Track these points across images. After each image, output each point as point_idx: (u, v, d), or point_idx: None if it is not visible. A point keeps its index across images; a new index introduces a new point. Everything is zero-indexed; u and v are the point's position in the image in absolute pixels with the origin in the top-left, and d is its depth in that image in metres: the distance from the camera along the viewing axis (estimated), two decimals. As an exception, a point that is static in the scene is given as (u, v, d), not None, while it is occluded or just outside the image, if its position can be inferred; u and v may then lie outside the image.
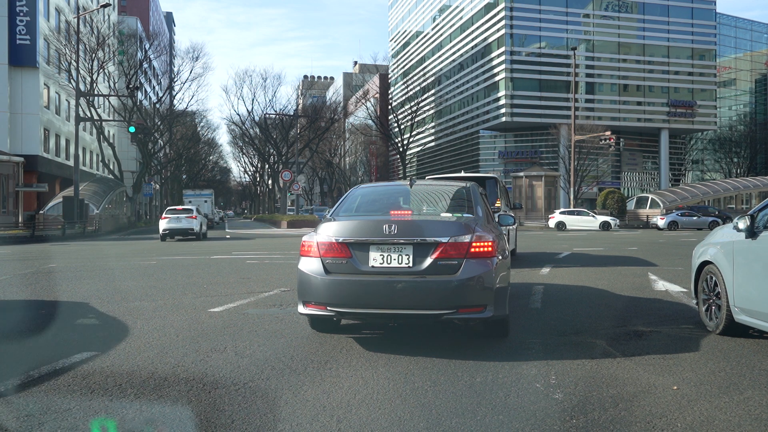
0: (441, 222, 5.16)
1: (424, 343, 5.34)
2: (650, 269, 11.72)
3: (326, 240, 5.01)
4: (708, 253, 5.84)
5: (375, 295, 4.79)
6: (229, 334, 5.72)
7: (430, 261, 4.77)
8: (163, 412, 3.62)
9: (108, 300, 7.99)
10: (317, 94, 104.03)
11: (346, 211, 5.78)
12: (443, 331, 5.80)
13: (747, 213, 5.26)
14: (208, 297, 8.21)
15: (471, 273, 4.73)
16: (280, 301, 7.75)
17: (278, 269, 12.08)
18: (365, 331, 5.84)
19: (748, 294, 5.04)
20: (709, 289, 5.79)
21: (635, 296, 8.10)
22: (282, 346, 5.24)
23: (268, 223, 51.81)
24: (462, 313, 4.75)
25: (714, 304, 5.68)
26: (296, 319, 6.50)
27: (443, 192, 6.26)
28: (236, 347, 5.18)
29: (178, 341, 5.45)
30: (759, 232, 5.03)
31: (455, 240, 4.80)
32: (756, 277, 4.96)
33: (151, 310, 7.19)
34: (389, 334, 5.74)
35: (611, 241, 22.94)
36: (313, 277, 4.96)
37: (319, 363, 4.63)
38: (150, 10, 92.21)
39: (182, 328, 6.03)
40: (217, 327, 6.10)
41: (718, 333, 5.51)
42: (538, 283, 9.48)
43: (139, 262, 14.05)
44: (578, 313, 6.73)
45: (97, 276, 11.07)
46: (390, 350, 5.02)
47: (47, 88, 44.76)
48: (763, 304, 4.80)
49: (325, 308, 4.91)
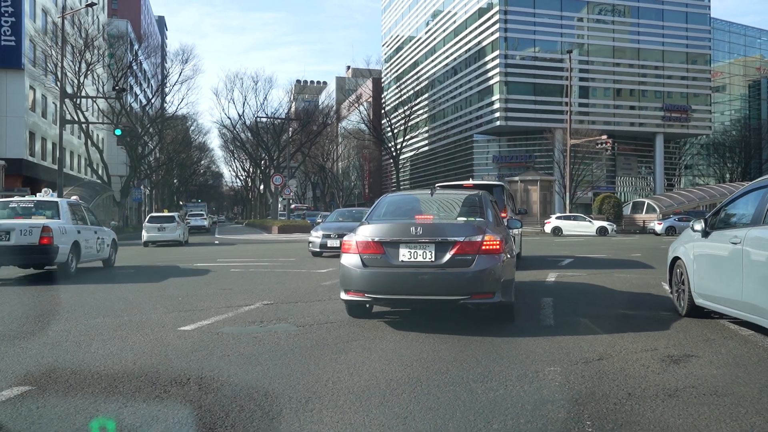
0: (458, 224, 6.15)
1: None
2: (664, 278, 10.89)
3: (363, 239, 6.02)
4: (678, 251, 7.06)
5: (404, 284, 5.80)
6: (196, 360, 4.88)
7: (449, 256, 5.74)
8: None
9: (67, 315, 7.12)
10: (310, 99, 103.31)
11: (378, 215, 6.70)
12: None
13: (702, 217, 6.54)
14: (182, 312, 7.35)
15: (482, 266, 5.68)
16: (261, 317, 6.91)
17: (263, 279, 11.23)
18: (361, 342, 5.01)
19: (702, 282, 6.29)
20: (678, 280, 7.01)
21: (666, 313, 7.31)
22: (257, 376, 4.41)
23: (259, 228, 50.90)
24: (475, 298, 5.73)
25: (682, 291, 6.87)
26: (276, 339, 5.68)
27: (459, 200, 7.18)
28: (202, 378, 4.34)
29: (134, 370, 4.60)
30: (710, 233, 6.25)
31: (469, 239, 5.76)
32: (707, 268, 6.22)
33: (113, 328, 6.33)
34: (388, 360, 4.91)
35: (611, 247, 22.19)
36: (353, 270, 5.96)
37: (299, 402, 3.80)
38: (141, 14, 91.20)
39: (143, 352, 5.19)
40: (184, 350, 5.26)
41: (684, 315, 6.75)
42: (546, 296, 8.67)
43: (115, 271, 13.16)
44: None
45: (68, 286, 10.19)
46: (384, 386, 4.20)
47: (33, 91, 43.75)
48: (713, 289, 6.03)
49: (363, 295, 5.94)
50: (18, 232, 10.73)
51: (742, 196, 6.00)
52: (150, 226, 26.23)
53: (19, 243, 10.67)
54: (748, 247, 5.30)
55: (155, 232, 26.05)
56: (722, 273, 5.86)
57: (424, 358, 4.92)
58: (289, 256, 18.09)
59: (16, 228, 10.77)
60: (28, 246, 10.71)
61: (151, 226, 26.17)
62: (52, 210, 11.86)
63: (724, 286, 5.79)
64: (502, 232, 6.37)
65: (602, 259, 15.97)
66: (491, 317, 6.62)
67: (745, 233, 5.40)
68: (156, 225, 26.14)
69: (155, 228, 26.07)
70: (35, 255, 10.88)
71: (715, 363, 4.70)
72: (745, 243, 5.35)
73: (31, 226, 10.86)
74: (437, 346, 5.32)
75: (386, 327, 6.26)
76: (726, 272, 5.75)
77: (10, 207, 12.01)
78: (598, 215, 44.25)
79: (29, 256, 10.91)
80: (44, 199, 12.93)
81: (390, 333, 5.95)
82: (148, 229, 26.14)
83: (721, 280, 5.89)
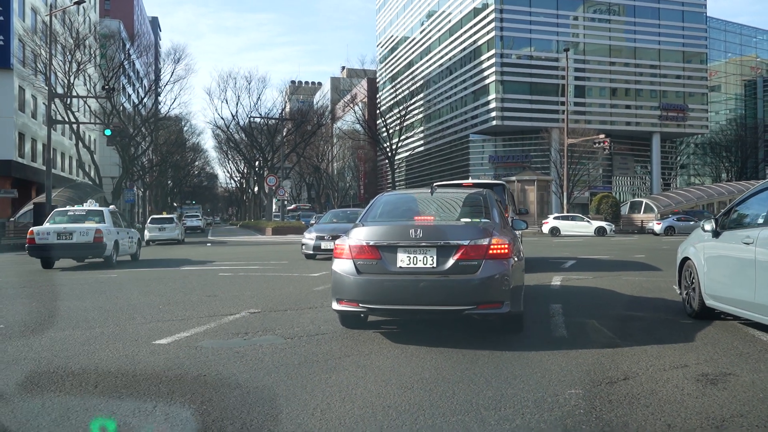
0: (462, 226, 5.58)
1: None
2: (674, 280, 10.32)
3: (358, 243, 5.41)
4: (688, 251, 6.84)
5: (402, 293, 5.20)
6: (166, 383, 4.29)
7: (453, 262, 5.16)
8: None
9: (34, 326, 6.52)
10: (304, 99, 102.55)
11: (373, 217, 6.14)
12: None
13: (713, 217, 6.39)
14: (160, 322, 6.75)
15: (489, 272, 5.11)
16: (245, 328, 6.32)
17: (252, 283, 10.63)
18: (355, 358, 4.43)
19: (713, 283, 6.10)
20: (687, 281, 6.80)
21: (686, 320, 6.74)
22: (234, 402, 3.82)
23: (252, 229, 50.25)
24: (481, 309, 5.14)
25: (692, 293, 6.63)
26: (260, 355, 5.08)
27: (462, 199, 6.57)
28: (169, 407, 3.75)
29: (94, 395, 4.01)
30: (721, 233, 6.06)
31: (475, 243, 5.18)
32: (719, 269, 6.04)
33: (81, 342, 5.73)
34: (385, 381, 4.33)
35: (612, 248, 21.66)
36: (346, 277, 5.37)
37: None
38: (134, 15, 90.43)
39: (108, 373, 4.59)
40: (155, 370, 4.67)
41: (694, 317, 6.53)
42: (554, 302, 8.10)
43: (98, 275, 12.54)
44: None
45: (40, 293, 9.60)
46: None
47: (23, 91, 43.00)
48: (725, 291, 5.84)
49: (357, 305, 5.34)
50: (78, 233, 14.15)
51: (754, 196, 5.85)
52: (152, 226, 29.61)
53: (78, 241, 14.12)
54: (762, 248, 5.18)
55: (156, 232, 29.36)
56: (734, 274, 5.71)
57: (426, 378, 4.33)
58: (282, 258, 17.49)
59: (77, 230, 14.19)
60: (85, 243, 14.17)
61: (153, 227, 29.51)
62: (99, 216, 15.28)
63: (736, 288, 5.63)
64: (509, 234, 5.84)
65: (606, 261, 15.42)
66: (498, 327, 6.04)
67: (758, 233, 5.29)
68: (157, 226, 29.51)
69: (156, 228, 29.41)
70: (90, 250, 14.39)
71: (758, 384, 4.12)
72: (758, 243, 5.23)
73: (87, 229, 14.28)
74: (440, 363, 4.74)
75: (383, 339, 5.68)
76: (738, 273, 5.60)
77: (68, 214, 15.42)
78: (596, 215, 43.75)
79: (86, 251, 14.44)
80: (93, 208, 16.00)
81: (387, 347, 5.36)
82: (151, 230, 29.41)
83: (733, 281, 5.72)
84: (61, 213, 15.64)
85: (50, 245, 14.05)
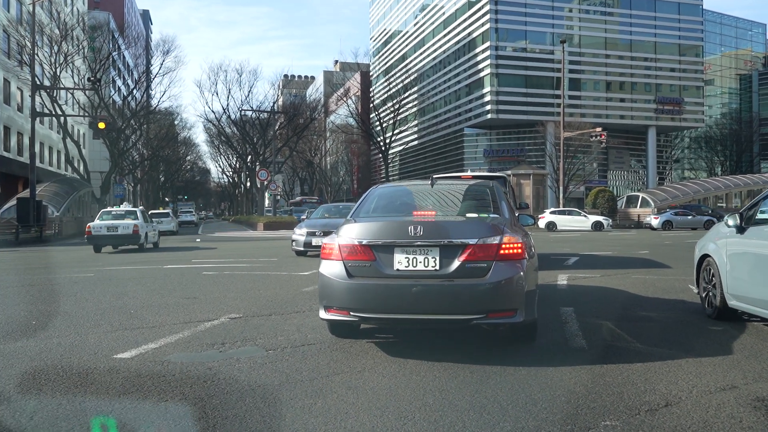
0: (468, 223, 4.96)
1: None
2: (688, 279, 9.66)
3: (348, 242, 4.76)
4: (707, 248, 6.44)
5: (400, 300, 4.54)
6: (120, 410, 3.57)
7: (458, 263, 4.55)
8: None
9: (-16, 337, 5.78)
10: (297, 93, 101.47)
11: (366, 211, 5.50)
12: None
13: (737, 211, 5.93)
14: (127, 330, 6.03)
15: (501, 276, 4.49)
16: (223, 338, 5.60)
17: (237, 283, 9.91)
18: (345, 376, 3.72)
19: (737, 282, 5.67)
20: (707, 279, 6.43)
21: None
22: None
23: (244, 224, 49.43)
24: (492, 318, 4.52)
25: (711, 292, 6.25)
26: (235, 372, 4.37)
27: (466, 191, 5.88)
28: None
29: (29, 427, 3.29)
30: (746, 228, 5.64)
31: (484, 242, 4.57)
32: (744, 267, 5.61)
33: (33, 354, 5.00)
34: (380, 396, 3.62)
35: (613, 243, 21.03)
36: (335, 281, 4.72)
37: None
38: (125, 7, 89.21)
39: (51, 396, 3.86)
40: (109, 392, 3.95)
41: (715, 318, 6.15)
42: (564, 305, 7.42)
43: (73, 275, 11.78)
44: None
45: (3, 296, 8.85)
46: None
47: (8, 83, 41.98)
48: (751, 290, 5.40)
49: (348, 313, 4.69)
50: (121, 227, 19.09)
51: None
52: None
53: (122, 233, 19.05)
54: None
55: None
56: (762, 272, 5.25)
57: (430, 404, 3.64)
58: (271, 255, 16.76)
59: (120, 225, 19.17)
60: (126, 235, 19.06)
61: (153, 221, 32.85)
62: (134, 215, 20.21)
63: (764, 287, 5.19)
64: (521, 231, 5.18)
65: (610, 258, 14.77)
66: (507, 336, 5.40)
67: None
68: (156, 220, 30.38)
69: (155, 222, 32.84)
70: (130, 239, 19.18)
71: (829, 412, 3.45)
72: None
73: (128, 224, 19.21)
74: (445, 384, 4.04)
75: (378, 352, 4.98)
76: (767, 272, 5.18)
77: (112, 213, 20.57)
78: (592, 210, 43.17)
79: (127, 240, 19.22)
80: (129, 209, 21.25)
81: (383, 362, 4.66)
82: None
83: (760, 280, 5.27)
84: (107, 212, 20.87)
85: (102, 236, 18.89)
